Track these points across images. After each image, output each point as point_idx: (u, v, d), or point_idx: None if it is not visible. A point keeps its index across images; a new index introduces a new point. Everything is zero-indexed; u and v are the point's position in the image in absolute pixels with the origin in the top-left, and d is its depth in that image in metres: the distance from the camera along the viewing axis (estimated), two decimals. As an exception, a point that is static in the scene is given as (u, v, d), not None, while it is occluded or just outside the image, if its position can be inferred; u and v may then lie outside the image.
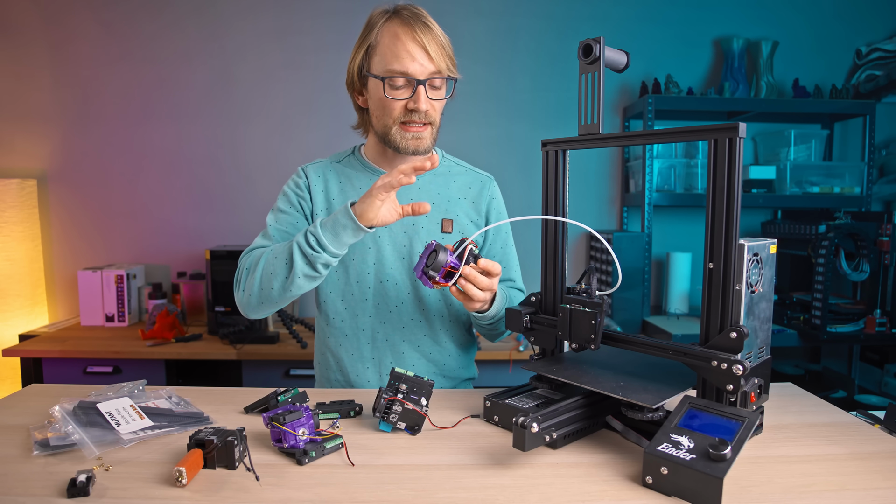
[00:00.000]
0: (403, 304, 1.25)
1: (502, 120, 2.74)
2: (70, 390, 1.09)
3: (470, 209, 1.31)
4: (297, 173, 1.29)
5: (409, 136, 1.17)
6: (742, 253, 0.82)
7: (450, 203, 1.29)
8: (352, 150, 1.33)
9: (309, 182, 1.26)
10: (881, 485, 0.75)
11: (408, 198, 1.26)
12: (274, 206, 1.27)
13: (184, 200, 2.72)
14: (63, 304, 2.75)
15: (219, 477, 0.76)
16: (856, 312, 2.39)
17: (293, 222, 1.23)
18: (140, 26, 2.64)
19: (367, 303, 1.24)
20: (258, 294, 1.12)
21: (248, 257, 1.18)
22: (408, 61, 1.11)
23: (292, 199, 1.25)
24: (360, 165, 1.29)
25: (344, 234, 1.04)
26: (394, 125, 1.16)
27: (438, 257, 0.97)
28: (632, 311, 2.55)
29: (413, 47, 1.11)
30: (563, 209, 1.02)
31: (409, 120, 1.16)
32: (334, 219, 1.05)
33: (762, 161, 2.81)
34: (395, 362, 1.26)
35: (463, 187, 1.32)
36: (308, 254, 1.05)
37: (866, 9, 2.80)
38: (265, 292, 1.11)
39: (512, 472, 0.79)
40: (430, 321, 1.27)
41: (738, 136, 0.78)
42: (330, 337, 1.27)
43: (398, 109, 1.15)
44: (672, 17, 2.76)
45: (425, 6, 1.18)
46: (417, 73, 1.12)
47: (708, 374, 0.81)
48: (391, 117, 1.16)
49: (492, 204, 1.34)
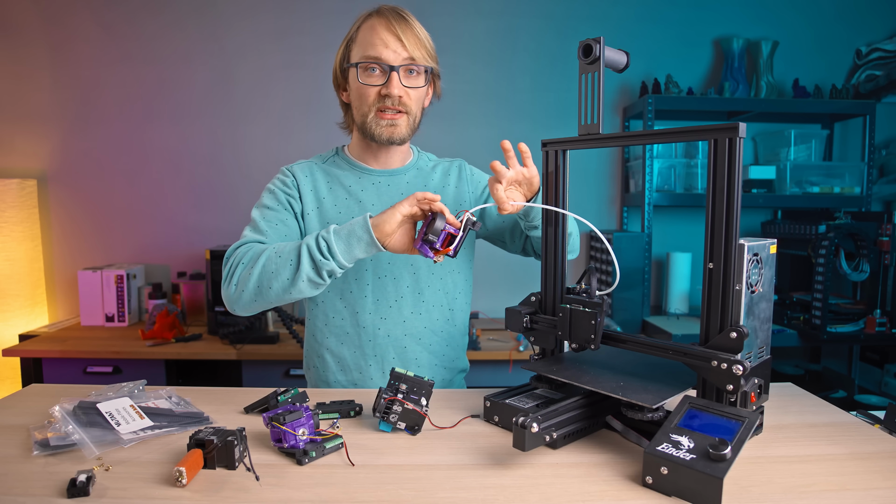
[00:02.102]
0: (403, 299, 1.25)
1: (502, 120, 2.74)
2: (70, 390, 1.09)
3: (455, 194, 1.32)
4: (282, 172, 1.27)
5: (385, 123, 1.20)
6: (742, 253, 0.82)
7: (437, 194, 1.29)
8: (335, 150, 1.34)
9: (297, 181, 1.25)
10: (881, 485, 0.75)
11: (398, 192, 1.27)
12: (258, 202, 1.24)
13: (184, 200, 2.72)
14: (63, 304, 2.75)
15: (219, 477, 0.76)
16: (856, 312, 2.39)
17: (282, 219, 1.21)
18: (140, 27, 2.64)
19: (367, 300, 1.24)
20: (254, 291, 1.07)
21: (242, 251, 1.12)
22: (381, 48, 1.15)
23: (280, 198, 1.23)
24: (345, 164, 1.30)
25: (357, 247, 1.03)
26: (370, 112, 1.19)
27: (436, 223, 0.99)
28: (632, 311, 2.55)
29: (386, 35, 1.16)
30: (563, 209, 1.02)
31: (384, 106, 1.18)
32: (350, 228, 1.03)
33: (762, 161, 2.81)
34: (398, 357, 1.25)
35: (443, 176, 1.34)
36: (316, 258, 1.03)
37: (866, 9, 2.80)
38: (262, 290, 1.07)
39: (512, 472, 0.79)
40: (430, 312, 1.27)
41: (738, 136, 0.78)
42: (330, 337, 1.26)
43: (372, 96, 1.18)
44: (672, 17, 2.76)
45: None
46: (390, 59, 1.16)
47: (708, 374, 0.81)
48: (366, 104, 1.19)
49: (472, 178, 1.36)
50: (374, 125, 1.20)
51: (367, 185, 1.27)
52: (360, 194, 1.26)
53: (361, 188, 1.27)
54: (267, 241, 1.16)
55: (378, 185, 1.28)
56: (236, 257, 1.12)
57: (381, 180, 1.28)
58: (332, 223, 1.22)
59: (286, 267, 1.05)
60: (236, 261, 1.12)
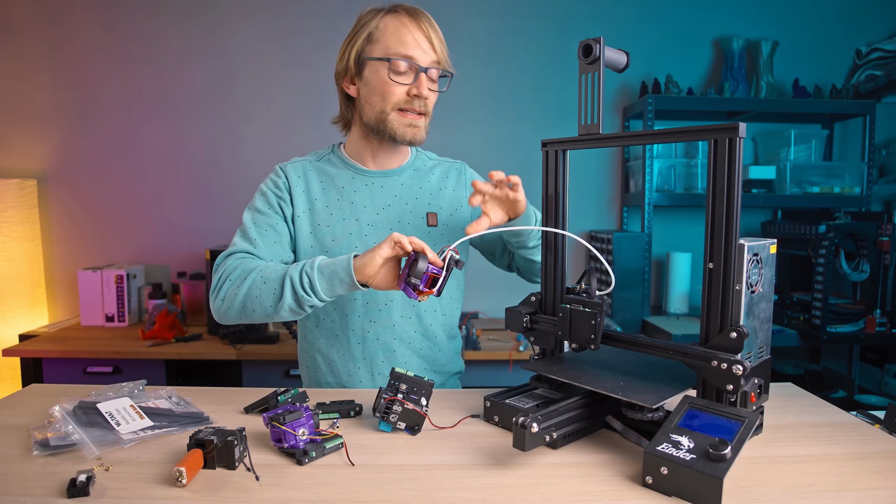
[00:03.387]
0: (393, 302, 1.24)
1: (502, 120, 2.74)
2: (70, 390, 1.09)
3: (452, 197, 1.31)
4: (275, 172, 1.26)
5: (407, 123, 1.18)
6: (742, 253, 0.82)
7: (432, 196, 1.29)
8: (331, 148, 1.33)
9: (289, 183, 1.24)
10: (881, 485, 0.75)
11: (391, 195, 1.26)
12: (251, 204, 1.24)
13: (184, 200, 2.72)
14: (63, 304, 2.75)
15: (219, 477, 0.76)
16: (856, 312, 2.39)
17: (272, 224, 1.21)
18: (140, 26, 2.64)
19: (356, 302, 1.23)
20: (238, 310, 1.11)
21: (231, 264, 1.14)
22: (413, 47, 1.14)
23: (271, 200, 1.23)
24: (340, 163, 1.28)
25: (339, 287, 1.04)
26: (391, 111, 1.17)
27: (418, 265, 0.96)
28: (632, 311, 2.55)
29: (418, 35, 1.15)
30: (563, 209, 1.02)
31: (409, 107, 1.17)
32: (333, 269, 1.04)
33: (762, 161, 2.81)
34: (387, 361, 1.25)
35: (441, 178, 1.32)
36: (298, 293, 1.04)
37: (866, 9, 2.80)
38: (247, 312, 1.10)
39: (512, 472, 0.79)
40: (421, 317, 1.26)
41: (738, 136, 0.78)
42: (320, 338, 1.26)
43: (398, 94, 1.16)
44: (672, 17, 2.76)
45: (426, 6, 1.19)
46: (421, 60, 1.15)
47: (708, 374, 0.81)
48: (390, 102, 1.17)
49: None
50: (395, 124, 1.18)
51: (360, 186, 1.26)
52: (352, 195, 1.25)
53: (354, 189, 1.25)
54: (256, 251, 1.17)
55: (371, 187, 1.26)
56: (225, 270, 1.14)
57: (374, 181, 1.27)
58: (323, 225, 1.22)
59: (269, 295, 1.07)
60: (224, 274, 1.13)
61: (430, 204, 1.28)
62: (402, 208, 1.25)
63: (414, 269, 0.96)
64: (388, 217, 1.24)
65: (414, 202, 1.27)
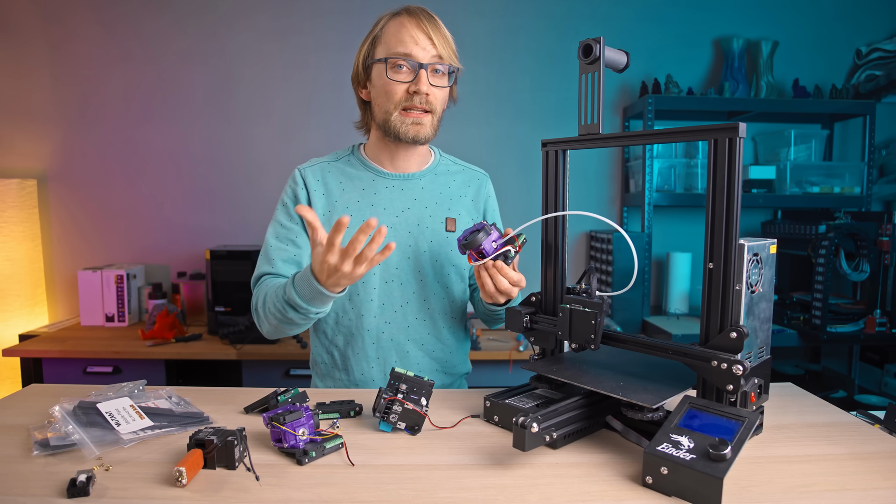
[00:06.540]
0: (409, 304, 1.25)
1: (502, 120, 2.74)
2: (70, 390, 1.09)
3: (470, 207, 1.32)
4: (293, 178, 1.27)
5: (410, 122, 1.18)
6: (742, 253, 0.82)
7: (451, 202, 1.29)
8: (351, 148, 1.33)
9: (308, 189, 1.24)
10: (881, 485, 0.75)
11: (412, 198, 1.26)
12: (273, 217, 1.26)
13: (184, 200, 2.72)
14: (63, 304, 2.75)
15: (219, 477, 0.76)
16: (856, 312, 2.39)
17: (292, 238, 1.22)
18: (140, 26, 2.64)
19: (373, 303, 1.24)
20: (275, 332, 1.18)
21: (256, 294, 1.20)
22: (411, 45, 1.15)
23: (291, 212, 1.24)
24: (360, 164, 1.29)
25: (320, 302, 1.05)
26: (395, 111, 1.18)
27: (478, 237, 1.02)
28: (632, 311, 2.55)
29: (416, 32, 1.16)
30: (563, 209, 1.02)
31: (411, 105, 1.17)
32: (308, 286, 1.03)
33: (762, 161, 2.81)
34: (400, 361, 1.25)
35: (462, 185, 1.33)
36: (301, 311, 1.07)
37: (866, 9, 2.80)
38: (282, 332, 1.17)
39: (512, 472, 0.79)
40: (434, 319, 1.27)
41: (738, 136, 0.78)
42: (338, 335, 1.27)
43: (399, 93, 1.17)
44: (672, 17, 2.76)
45: (425, 6, 1.19)
46: (420, 56, 1.15)
47: (708, 374, 0.81)
48: (392, 102, 1.17)
49: (488, 202, 1.36)
50: (398, 123, 1.18)
51: (380, 189, 1.26)
52: (372, 197, 1.25)
53: (375, 191, 1.26)
54: (274, 270, 1.21)
55: (391, 189, 1.26)
56: (256, 295, 1.20)
57: (395, 184, 1.27)
58: None
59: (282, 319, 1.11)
60: (256, 299, 1.19)
61: (449, 209, 1.28)
62: (421, 212, 1.26)
63: (471, 239, 1.02)
64: (406, 220, 1.25)
65: (434, 206, 1.27)
